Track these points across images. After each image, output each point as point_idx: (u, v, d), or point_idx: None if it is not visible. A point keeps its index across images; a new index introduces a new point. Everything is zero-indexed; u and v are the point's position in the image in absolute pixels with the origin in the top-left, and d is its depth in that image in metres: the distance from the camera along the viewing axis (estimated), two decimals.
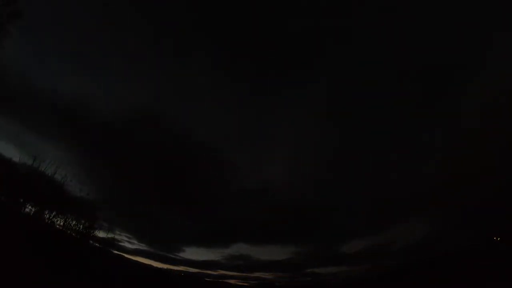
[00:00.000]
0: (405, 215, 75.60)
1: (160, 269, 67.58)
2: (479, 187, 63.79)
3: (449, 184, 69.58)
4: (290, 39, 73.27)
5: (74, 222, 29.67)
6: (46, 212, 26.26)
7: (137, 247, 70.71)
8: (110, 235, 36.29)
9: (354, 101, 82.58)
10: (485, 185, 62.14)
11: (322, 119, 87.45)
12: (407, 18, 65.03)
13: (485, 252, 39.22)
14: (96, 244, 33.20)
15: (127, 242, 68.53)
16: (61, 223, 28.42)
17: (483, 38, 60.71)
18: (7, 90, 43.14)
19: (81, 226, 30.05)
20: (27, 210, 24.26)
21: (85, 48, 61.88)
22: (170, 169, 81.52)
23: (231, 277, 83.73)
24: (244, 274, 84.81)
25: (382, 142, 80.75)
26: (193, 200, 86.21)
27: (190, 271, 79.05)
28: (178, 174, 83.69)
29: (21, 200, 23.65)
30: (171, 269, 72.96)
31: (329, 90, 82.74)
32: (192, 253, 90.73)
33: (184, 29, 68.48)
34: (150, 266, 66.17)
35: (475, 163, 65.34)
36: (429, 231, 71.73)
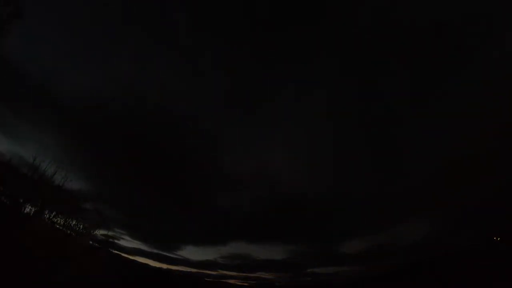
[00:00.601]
0: (405, 215, 75.69)
1: (160, 268, 67.66)
2: (479, 187, 63.86)
3: (449, 184, 69.67)
4: (291, 36, 73.35)
5: (74, 222, 29.67)
6: (46, 212, 26.25)
7: (136, 247, 70.79)
8: (109, 234, 36.26)
9: (354, 101, 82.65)
10: (485, 185, 62.22)
11: (322, 118, 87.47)
12: (407, 18, 65.05)
13: (485, 252, 39.22)
14: (96, 244, 33.17)
15: (126, 241, 68.62)
16: (62, 222, 28.43)
17: (483, 38, 60.75)
18: (5, 86, 43.03)
19: (81, 226, 30.06)
20: (27, 210, 24.26)
21: (83, 42, 61.72)
22: (168, 164, 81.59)
23: (231, 277, 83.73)
24: (244, 274, 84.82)
25: (382, 142, 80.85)
26: (192, 198, 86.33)
27: (190, 271, 79.09)
28: (176, 171, 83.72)
29: (21, 200, 23.63)
30: (170, 269, 73.01)
31: (329, 90, 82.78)
32: (191, 252, 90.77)
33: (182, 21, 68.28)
34: (150, 266, 66.28)
35: (475, 163, 65.41)
36: (428, 231, 71.84)
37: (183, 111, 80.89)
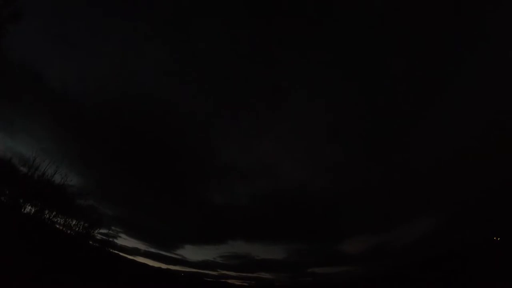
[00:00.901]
0: (405, 214, 75.67)
1: (159, 268, 67.51)
2: (479, 188, 63.88)
3: (449, 185, 69.68)
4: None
5: (74, 222, 29.68)
6: (46, 212, 26.22)
7: (136, 246, 70.60)
8: (109, 233, 36.26)
9: (355, 101, 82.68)
10: (485, 185, 62.21)
11: (322, 118, 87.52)
12: (408, 19, 65.13)
13: (485, 252, 39.18)
14: (96, 244, 33.14)
15: (126, 241, 68.36)
16: (62, 222, 28.43)
17: (482, 38, 60.82)
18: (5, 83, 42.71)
19: (81, 226, 30.07)
20: (27, 210, 24.23)
21: (80, 38, 61.56)
22: (168, 164, 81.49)
23: (231, 277, 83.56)
24: (243, 274, 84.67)
25: (383, 141, 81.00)
26: (192, 197, 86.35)
27: (190, 271, 78.95)
28: (176, 170, 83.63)
29: (21, 200, 23.60)
30: (170, 269, 72.79)
31: (329, 87, 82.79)
32: (191, 252, 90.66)
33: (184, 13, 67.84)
34: (150, 266, 66.13)
35: (474, 164, 65.40)
36: (429, 231, 71.82)
37: (183, 109, 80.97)
